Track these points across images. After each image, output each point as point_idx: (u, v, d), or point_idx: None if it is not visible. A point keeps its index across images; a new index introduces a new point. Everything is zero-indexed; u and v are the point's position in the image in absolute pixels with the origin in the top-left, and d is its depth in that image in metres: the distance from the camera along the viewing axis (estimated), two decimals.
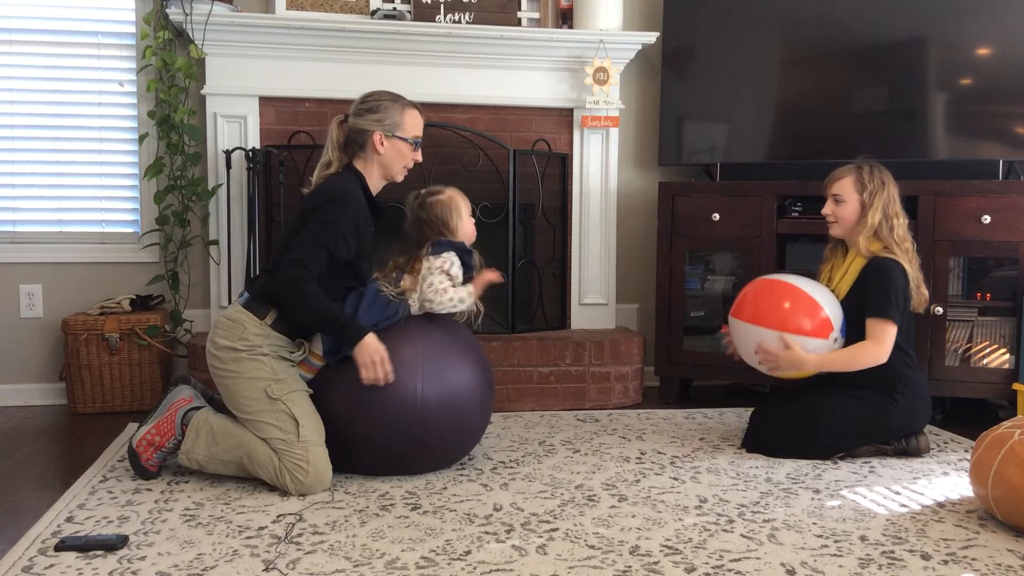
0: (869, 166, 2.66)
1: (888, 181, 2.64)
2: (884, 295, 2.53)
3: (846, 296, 2.62)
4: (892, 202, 2.63)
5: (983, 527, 2.04)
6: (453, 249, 2.45)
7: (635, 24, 3.74)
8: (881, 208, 2.60)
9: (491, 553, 1.83)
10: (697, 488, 2.31)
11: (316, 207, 2.30)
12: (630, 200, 3.79)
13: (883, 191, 2.62)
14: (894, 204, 2.63)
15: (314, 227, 2.27)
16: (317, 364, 2.36)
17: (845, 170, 2.69)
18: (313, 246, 2.26)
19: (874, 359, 2.53)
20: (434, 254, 2.44)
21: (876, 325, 2.53)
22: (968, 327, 3.14)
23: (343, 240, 2.29)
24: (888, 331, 2.52)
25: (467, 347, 2.44)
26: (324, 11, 3.42)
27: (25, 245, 3.40)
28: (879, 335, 2.53)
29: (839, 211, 2.66)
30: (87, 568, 1.75)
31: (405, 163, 2.45)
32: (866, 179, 2.63)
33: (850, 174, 2.66)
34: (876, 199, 2.61)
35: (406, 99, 2.45)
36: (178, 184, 3.30)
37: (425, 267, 2.43)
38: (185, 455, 2.27)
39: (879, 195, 2.61)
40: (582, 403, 3.35)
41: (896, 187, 2.65)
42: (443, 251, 2.44)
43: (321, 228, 2.26)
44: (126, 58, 3.45)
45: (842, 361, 2.55)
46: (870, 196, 2.61)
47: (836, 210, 2.67)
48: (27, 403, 3.36)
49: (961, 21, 3.28)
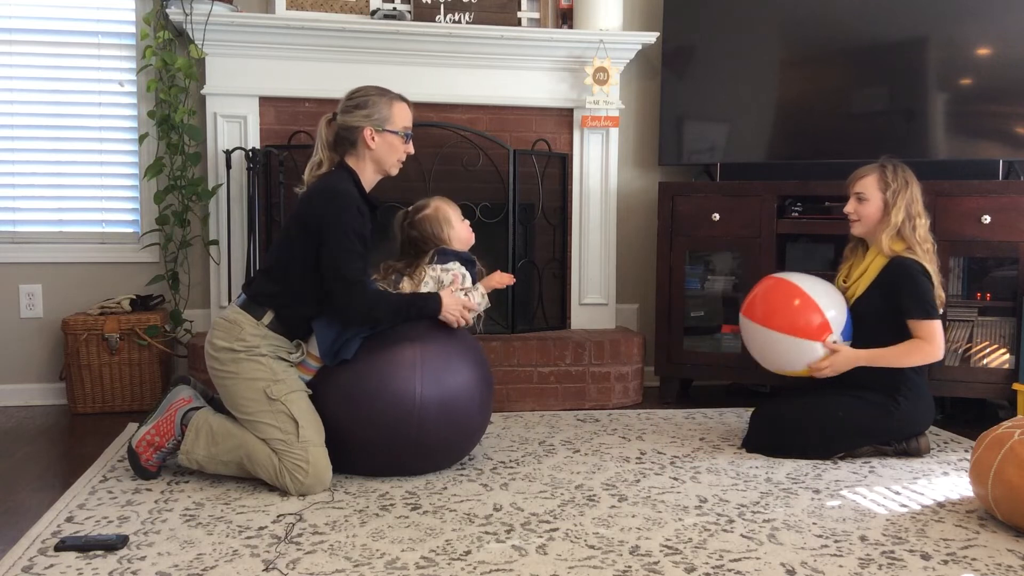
0: (892, 165, 2.65)
1: (911, 180, 2.64)
2: (921, 295, 2.54)
3: (864, 295, 2.62)
4: (915, 202, 2.62)
5: (983, 527, 2.04)
6: (458, 259, 2.48)
7: (635, 24, 3.74)
8: (904, 207, 2.60)
9: (491, 553, 1.83)
10: (697, 488, 2.31)
11: (321, 217, 2.27)
12: (630, 200, 3.79)
13: (906, 190, 2.61)
14: (917, 204, 2.62)
15: (335, 239, 2.26)
16: (315, 366, 2.36)
17: (868, 169, 2.68)
18: (348, 257, 2.26)
19: (927, 357, 2.55)
20: (439, 263, 2.46)
21: (923, 326, 2.53)
22: (968, 327, 3.14)
23: (361, 237, 2.30)
24: (936, 329, 2.53)
25: (466, 348, 2.44)
26: (324, 11, 3.42)
27: (25, 245, 3.40)
28: (929, 334, 2.53)
29: (861, 209, 2.65)
30: (87, 568, 1.75)
31: (398, 156, 2.45)
32: (889, 178, 2.62)
33: (873, 172, 2.66)
34: (899, 198, 2.60)
35: (392, 92, 2.44)
36: (178, 184, 3.30)
37: (429, 275, 2.44)
38: (185, 455, 2.27)
39: (902, 194, 2.60)
40: (582, 403, 3.35)
41: (919, 187, 2.65)
42: (447, 260, 2.47)
43: (342, 236, 2.26)
44: (126, 58, 3.45)
45: (894, 356, 2.56)
46: (893, 195, 2.60)
47: (858, 208, 2.66)
48: (27, 403, 3.36)
49: (961, 21, 3.28)
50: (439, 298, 2.37)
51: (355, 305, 2.28)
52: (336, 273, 2.26)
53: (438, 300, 2.37)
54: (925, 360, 2.55)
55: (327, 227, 2.26)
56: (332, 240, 2.26)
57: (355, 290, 2.27)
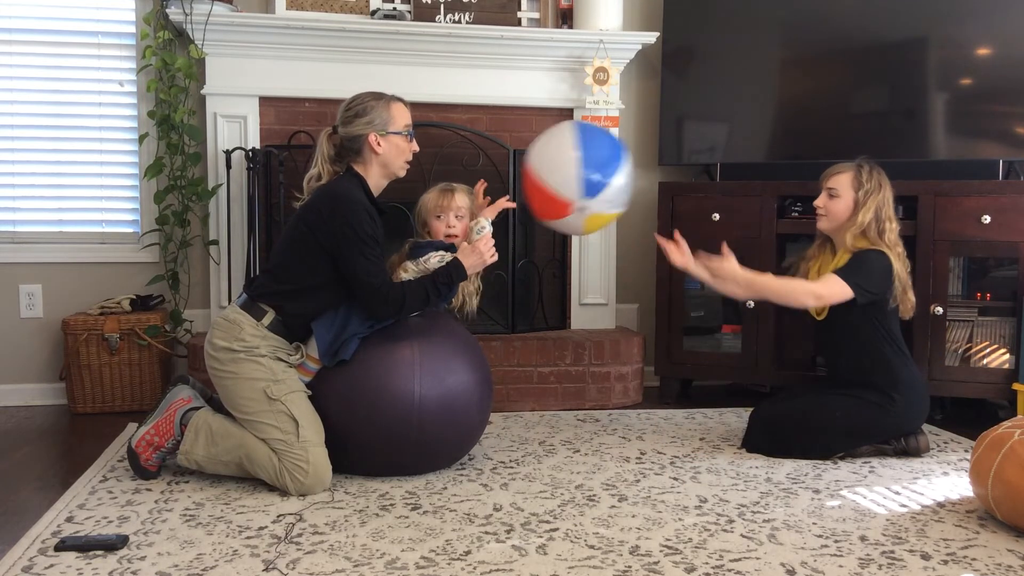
0: (868, 166, 2.66)
1: (885, 184, 2.64)
2: (855, 265, 2.54)
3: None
4: (886, 205, 2.62)
5: (983, 527, 2.04)
6: (432, 248, 2.46)
7: (635, 24, 3.74)
8: (874, 209, 2.59)
9: (491, 553, 1.83)
10: (697, 488, 2.31)
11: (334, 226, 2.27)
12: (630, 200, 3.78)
13: (879, 193, 2.61)
14: (888, 207, 2.62)
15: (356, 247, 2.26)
16: (314, 367, 2.36)
17: (844, 166, 2.68)
18: (369, 263, 2.28)
19: (808, 298, 2.53)
20: (411, 258, 2.45)
21: (830, 277, 2.53)
22: (968, 327, 3.14)
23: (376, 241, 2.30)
24: (836, 286, 2.51)
25: (465, 347, 2.44)
26: (324, 11, 3.42)
27: (25, 245, 3.40)
28: (827, 282, 2.52)
29: (831, 205, 2.65)
30: (87, 568, 1.75)
31: (405, 157, 2.45)
32: (864, 178, 2.62)
33: (848, 171, 2.66)
34: (871, 199, 2.60)
35: (387, 94, 2.45)
36: (178, 184, 3.30)
37: (412, 271, 2.43)
38: (184, 455, 2.27)
39: (874, 196, 2.60)
40: (582, 403, 3.35)
41: (892, 191, 2.65)
42: (424, 252, 2.45)
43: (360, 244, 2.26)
44: (126, 58, 3.45)
45: (777, 285, 2.55)
46: (865, 195, 2.60)
47: (828, 204, 2.66)
48: (27, 403, 3.36)
49: (961, 21, 3.28)
50: (458, 262, 2.38)
51: (388, 305, 2.30)
52: (362, 281, 2.28)
53: (458, 263, 2.38)
54: (803, 301, 2.53)
55: (343, 237, 2.27)
56: (350, 249, 2.27)
57: (382, 292, 2.29)
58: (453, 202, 2.52)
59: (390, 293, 2.30)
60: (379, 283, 2.29)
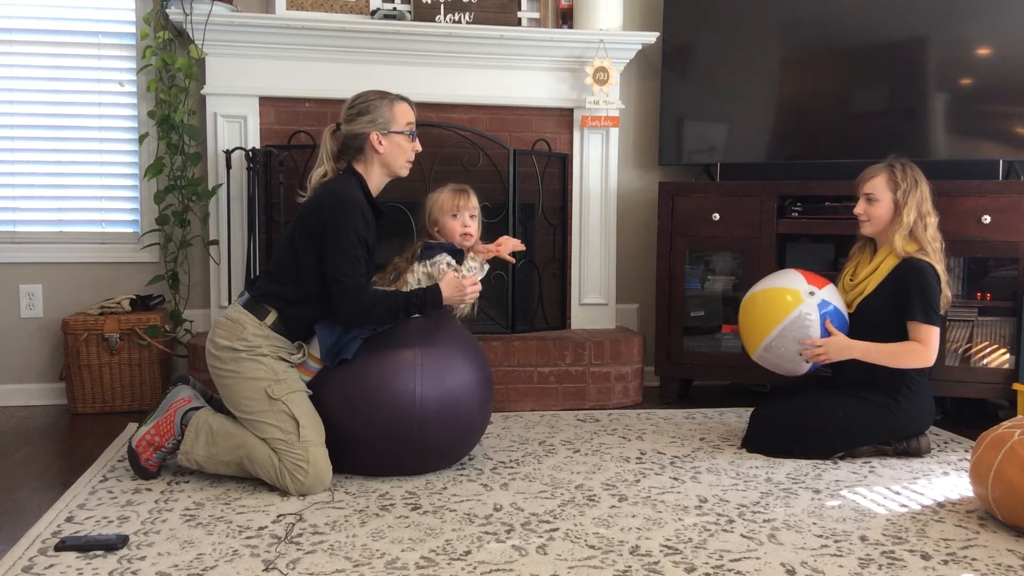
0: (901, 164, 2.64)
1: (920, 179, 2.63)
2: (928, 299, 2.53)
3: (873, 293, 2.62)
4: (925, 200, 2.61)
5: (983, 527, 2.04)
6: (443, 250, 2.45)
7: (635, 24, 3.74)
8: (916, 206, 2.59)
9: (491, 553, 1.83)
10: (697, 488, 2.31)
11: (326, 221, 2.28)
12: (630, 200, 3.79)
13: (916, 189, 2.60)
14: (927, 202, 2.61)
15: (339, 244, 2.26)
16: (315, 367, 2.36)
17: (877, 169, 2.67)
18: (349, 261, 2.27)
19: (921, 361, 2.55)
20: (420, 260, 2.44)
21: (922, 329, 2.53)
22: (968, 327, 3.14)
23: (364, 242, 2.30)
24: (935, 335, 2.54)
25: (466, 348, 2.44)
26: (324, 11, 3.42)
27: (25, 245, 3.40)
28: (926, 338, 2.53)
29: (872, 210, 2.64)
30: (87, 568, 1.75)
31: (407, 157, 2.45)
32: (899, 177, 2.61)
33: (882, 172, 2.64)
34: (910, 197, 2.59)
35: (392, 93, 2.44)
36: (178, 184, 3.30)
37: (420, 272, 2.42)
38: (184, 455, 2.27)
39: (912, 193, 2.59)
40: (582, 403, 3.35)
41: (928, 185, 2.64)
42: (434, 254, 2.44)
43: (345, 241, 2.26)
44: (126, 58, 3.45)
45: (889, 353, 2.56)
46: (904, 194, 2.59)
47: (868, 209, 2.65)
48: (27, 403, 3.36)
49: (961, 21, 3.28)
50: (437, 288, 2.36)
51: (353, 308, 2.29)
52: (336, 277, 2.27)
53: (436, 291, 2.36)
54: (916, 364, 2.55)
55: (331, 231, 2.27)
56: (335, 244, 2.26)
57: (352, 294, 2.27)
58: (469, 202, 2.51)
59: (360, 296, 2.28)
60: (352, 284, 2.27)
